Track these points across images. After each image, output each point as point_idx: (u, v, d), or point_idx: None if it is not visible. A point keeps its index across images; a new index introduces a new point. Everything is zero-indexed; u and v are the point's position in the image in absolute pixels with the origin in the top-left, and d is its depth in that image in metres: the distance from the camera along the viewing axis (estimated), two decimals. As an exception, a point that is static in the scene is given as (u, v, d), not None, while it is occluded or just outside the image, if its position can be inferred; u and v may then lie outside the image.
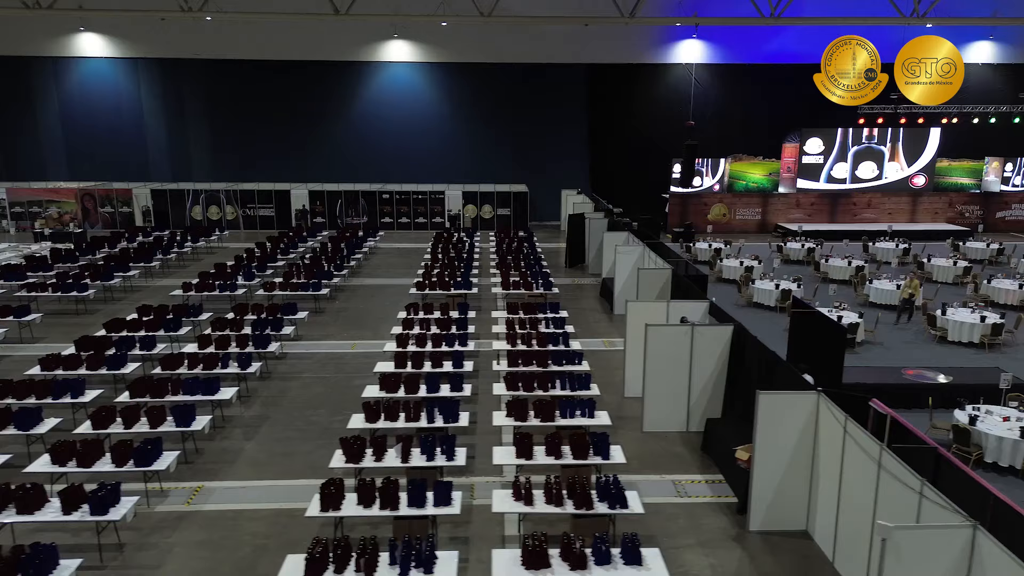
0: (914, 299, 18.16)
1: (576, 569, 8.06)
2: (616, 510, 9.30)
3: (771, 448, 9.58)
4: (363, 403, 11.79)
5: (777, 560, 9.25)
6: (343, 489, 9.35)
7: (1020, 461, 11.14)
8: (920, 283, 20.15)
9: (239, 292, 20.41)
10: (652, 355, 12.65)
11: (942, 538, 6.47)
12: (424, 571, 7.93)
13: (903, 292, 18.39)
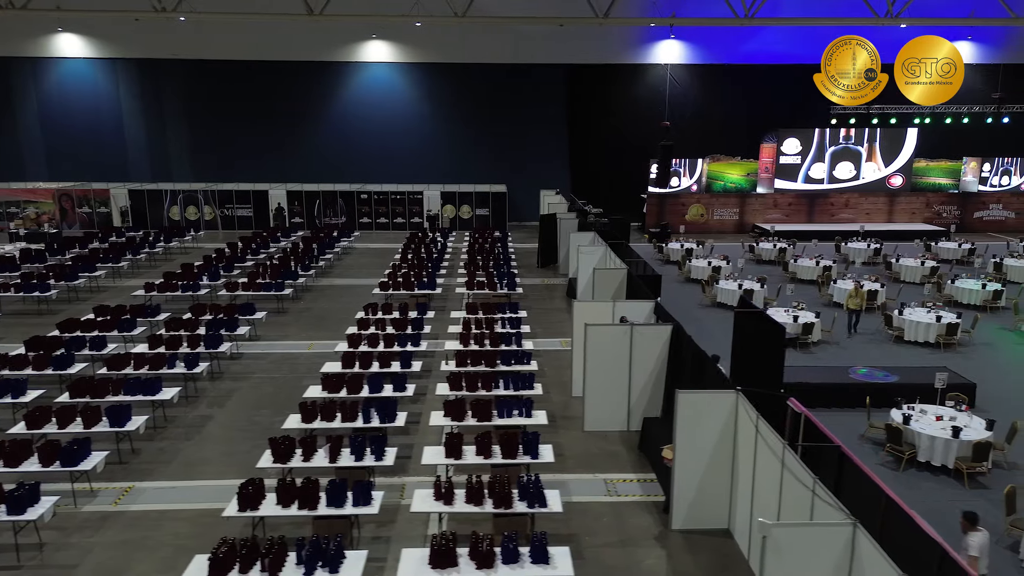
0: (861, 310, 17.83)
1: (483, 568, 8.09)
2: (535, 509, 9.33)
3: (691, 447, 9.61)
4: (300, 403, 11.79)
5: (695, 559, 9.27)
6: (263, 489, 9.38)
7: (952, 460, 11.16)
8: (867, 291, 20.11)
9: (202, 292, 20.41)
10: (592, 354, 12.68)
11: (823, 536, 6.50)
12: (330, 571, 7.95)
13: (849, 302, 18.01)
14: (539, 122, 34.73)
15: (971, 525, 8.07)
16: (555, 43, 32.20)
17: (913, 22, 29.34)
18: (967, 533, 8.06)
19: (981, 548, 7.91)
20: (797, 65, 33.18)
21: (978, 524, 8.08)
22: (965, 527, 8.11)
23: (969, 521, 8.09)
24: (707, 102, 34.47)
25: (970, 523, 8.08)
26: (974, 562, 7.82)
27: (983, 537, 7.99)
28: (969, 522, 8.09)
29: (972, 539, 7.98)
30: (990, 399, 14.09)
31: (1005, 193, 33.72)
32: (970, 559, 7.86)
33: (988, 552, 8.04)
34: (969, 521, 8.09)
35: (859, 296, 17.36)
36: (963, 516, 8.17)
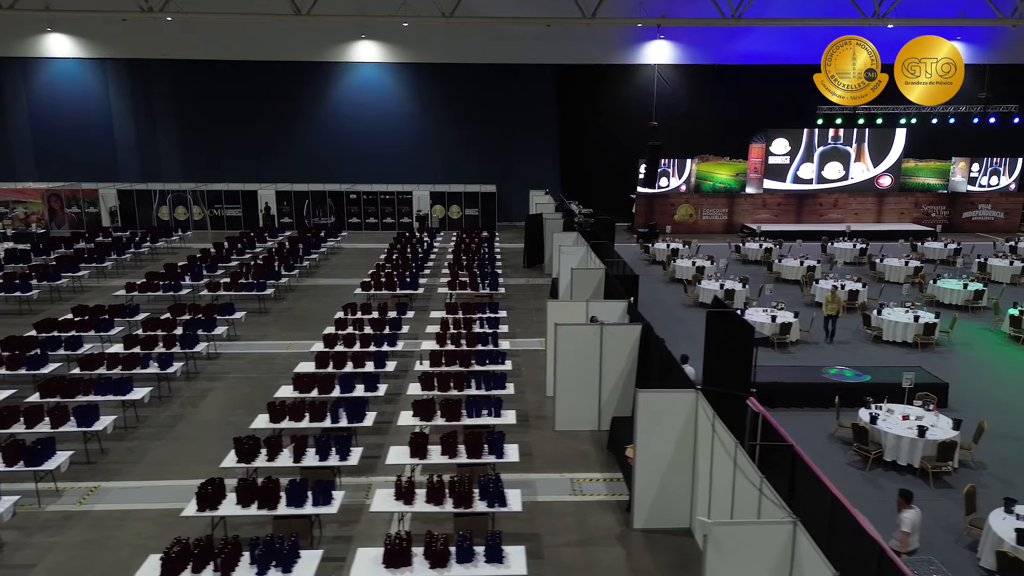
0: (839, 315, 17.59)
1: (436, 567, 8.10)
2: (495, 508, 9.34)
3: (652, 446, 9.62)
4: (268, 403, 11.80)
5: (654, 558, 9.28)
6: (224, 489, 9.39)
7: (918, 460, 11.17)
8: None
9: (184, 292, 20.42)
10: (563, 354, 12.69)
11: (764, 534, 6.51)
12: (283, 571, 7.96)
13: (825, 308, 17.65)
14: (529, 122, 34.74)
15: (906, 503, 8.46)
16: (544, 43, 32.21)
17: (901, 22, 29.38)
18: (901, 511, 8.46)
19: (913, 524, 8.35)
20: (786, 65, 33.26)
21: (912, 502, 8.46)
22: (900, 505, 8.51)
23: (904, 499, 8.48)
24: (696, 102, 34.51)
25: (905, 501, 8.47)
26: (906, 537, 8.32)
27: (915, 514, 8.40)
28: (904, 500, 8.48)
29: (905, 516, 8.40)
30: (962, 399, 14.11)
31: (994, 193, 33.74)
32: (902, 535, 8.35)
33: (920, 528, 8.46)
34: (904, 499, 8.48)
35: (836, 301, 17.20)
36: (899, 494, 8.59)
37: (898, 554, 8.10)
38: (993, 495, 10.26)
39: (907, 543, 8.37)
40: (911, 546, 8.43)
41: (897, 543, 8.41)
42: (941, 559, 9.27)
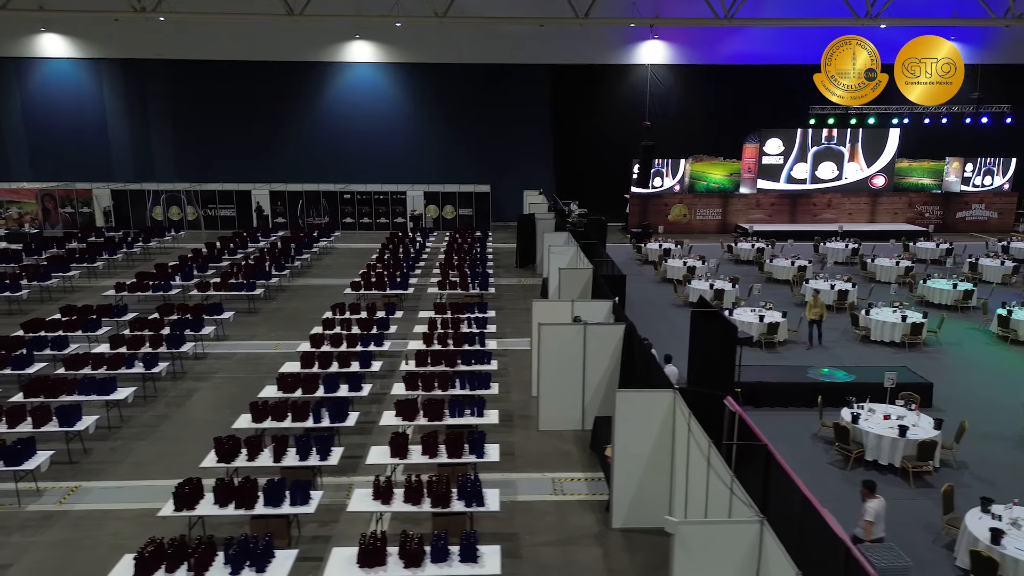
0: (822, 319, 17.26)
1: (411, 567, 8.10)
2: (473, 508, 9.34)
3: (630, 446, 9.63)
4: (251, 403, 11.80)
5: (631, 557, 9.29)
6: (201, 489, 9.40)
7: (899, 459, 11.18)
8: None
9: (173, 292, 20.43)
10: (546, 354, 12.70)
11: (731, 533, 6.52)
12: (257, 570, 7.97)
13: (808, 312, 17.33)
14: (524, 122, 34.73)
15: (870, 493, 8.73)
16: (539, 43, 32.22)
17: (894, 22, 29.39)
18: (866, 500, 8.71)
19: (877, 513, 8.62)
20: (780, 65, 33.29)
21: (876, 492, 8.74)
22: (864, 495, 8.76)
23: (868, 489, 8.75)
24: (690, 102, 34.54)
25: (869, 491, 8.73)
26: (869, 526, 8.61)
27: (879, 503, 8.66)
28: (868, 490, 8.74)
29: (869, 505, 8.66)
30: (948, 398, 14.12)
31: (988, 193, 33.77)
32: (866, 523, 8.63)
33: (883, 517, 8.71)
34: (868, 489, 8.75)
35: (818, 305, 17.00)
36: (863, 485, 8.86)
37: (862, 541, 8.52)
38: (974, 495, 10.24)
39: (871, 531, 8.64)
40: (875, 534, 8.66)
41: (861, 531, 8.71)
42: (918, 558, 9.28)
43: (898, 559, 7.96)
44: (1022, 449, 12.25)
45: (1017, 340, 17.57)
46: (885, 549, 8.18)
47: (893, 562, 7.89)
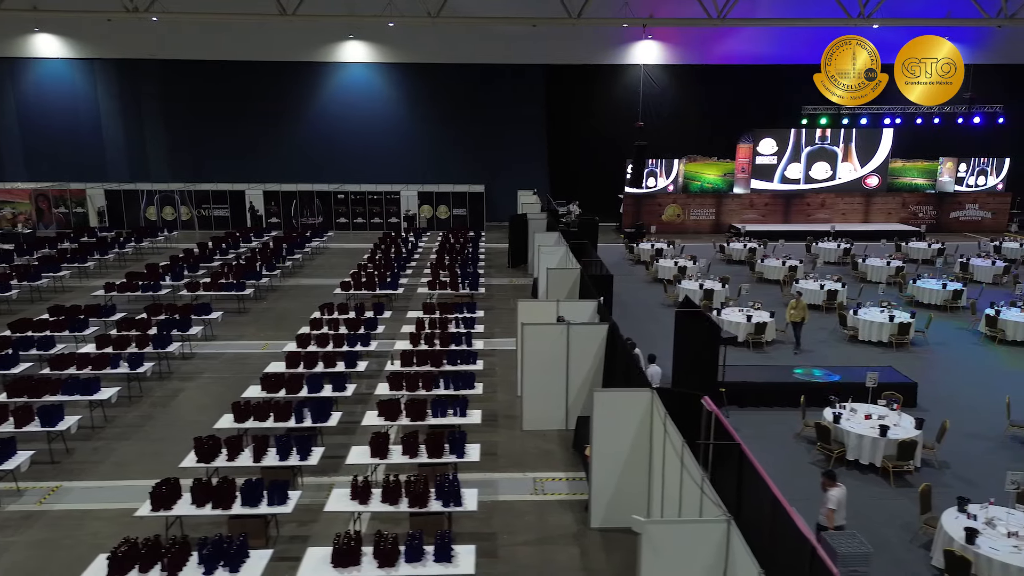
0: (803, 321, 16.97)
1: (384, 566, 8.11)
2: (451, 508, 9.35)
3: (608, 446, 9.63)
4: (233, 403, 11.81)
5: (608, 557, 9.30)
6: (179, 489, 9.40)
7: (879, 459, 11.18)
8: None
9: (163, 292, 20.42)
10: (529, 353, 12.71)
11: (699, 533, 6.52)
12: (231, 570, 7.97)
13: (789, 315, 17.01)
14: (518, 122, 34.72)
15: (831, 482, 8.97)
16: (533, 43, 32.22)
17: (886, 22, 29.40)
18: (827, 489, 8.93)
19: (838, 502, 8.85)
20: (773, 65, 33.30)
21: (837, 481, 8.99)
22: (826, 484, 8.98)
23: (829, 478, 9.01)
24: (684, 102, 34.55)
25: (830, 480, 8.99)
26: (831, 514, 8.85)
27: (840, 492, 8.90)
28: (829, 479, 9.00)
29: (831, 494, 8.88)
30: (933, 398, 14.13)
31: (981, 193, 33.75)
32: (828, 511, 8.87)
33: (845, 505, 8.94)
34: (829, 478, 9.01)
35: (799, 308, 16.86)
36: (823, 475, 9.12)
37: (825, 529, 8.78)
38: (955, 494, 10.17)
39: (833, 519, 8.87)
40: (837, 522, 8.88)
41: (824, 519, 8.94)
42: (895, 557, 9.30)
43: (860, 546, 8.18)
44: (1004, 449, 12.26)
45: (1005, 340, 17.57)
46: (847, 536, 8.43)
47: (855, 548, 8.15)
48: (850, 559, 7.97)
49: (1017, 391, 13.99)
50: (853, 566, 7.94)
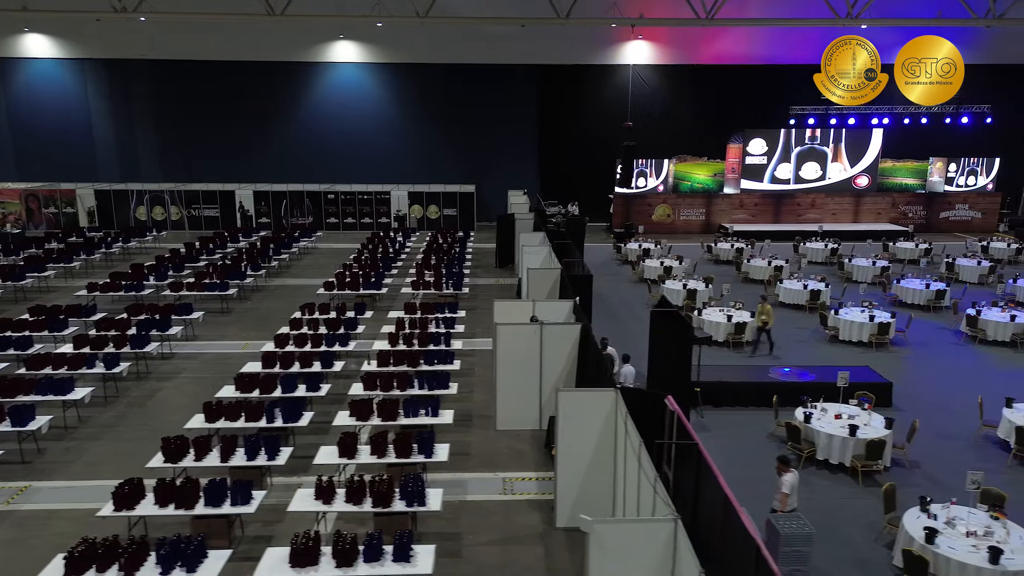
0: (768, 326, 16.70)
1: (342, 566, 8.11)
2: (414, 508, 9.35)
3: (573, 445, 9.63)
4: (204, 403, 11.81)
5: (572, 557, 9.29)
6: (143, 489, 9.40)
7: (849, 459, 11.18)
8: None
9: (146, 292, 20.42)
10: (503, 353, 12.70)
11: (647, 532, 6.52)
12: (188, 570, 7.97)
13: (757, 319, 16.87)
14: (510, 122, 34.72)
15: (785, 467, 9.27)
16: (524, 44, 32.21)
17: (876, 23, 29.42)
18: (781, 474, 9.24)
19: (791, 486, 9.17)
20: (763, 66, 33.30)
21: (791, 467, 9.31)
22: (780, 469, 9.28)
23: (783, 463, 9.30)
24: (674, 102, 34.55)
25: (784, 465, 9.28)
26: (784, 498, 9.17)
27: (793, 477, 9.24)
28: (783, 464, 9.29)
29: (784, 478, 9.19)
30: (909, 397, 14.14)
31: (971, 193, 33.76)
32: (782, 495, 9.19)
33: (797, 489, 9.30)
34: (783, 463, 9.30)
35: (765, 312, 16.67)
36: (778, 459, 9.40)
37: (776, 512, 9.10)
38: (923, 493, 10.21)
39: (786, 503, 9.16)
40: (790, 505, 9.17)
41: (778, 503, 9.22)
42: (858, 556, 9.30)
43: (804, 527, 8.52)
44: (976, 449, 12.27)
45: (986, 340, 17.57)
46: (794, 518, 8.75)
47: (799, 529, 8.47)
48: (793, 539, 8.32)
49: (994, 391, 13.99)
50: (796, 546, 8.32)
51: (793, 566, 8.32)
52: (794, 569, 8.32)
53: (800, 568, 8.37)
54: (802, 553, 8.33)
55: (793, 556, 8.31)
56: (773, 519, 8.77)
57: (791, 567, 8.31)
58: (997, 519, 8.80)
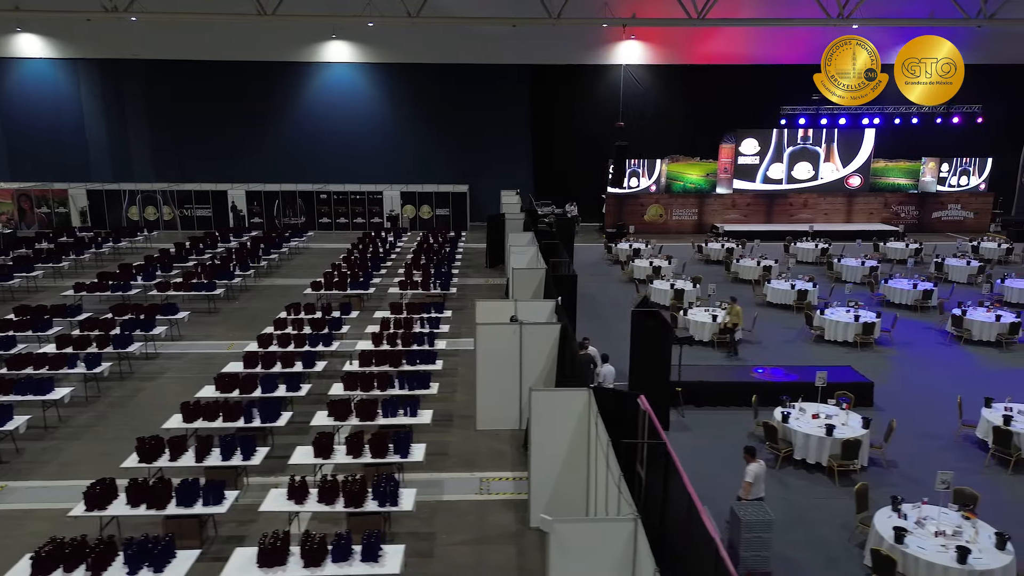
0: (736, 328, 16.66)
1: (310, 566, 8.10)
2: (387, 508, 9.34)
3: (547, 445, 9.62)
4: (182, 403, 11.80)
5: (544, 557, 9.27)
6: (115, 489, 9.39)
7: (826, 458, 11.17)
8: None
9: (133, 292, 20.41)
10: (483, 353, 12.69)
11: (608, 531, 6.52)
12: (155, 570, 7.96)
13: (725, 320, 16.87)
14: (503, 122, 34.69)
15: (751, 457, 9.64)
16: (517, 44, 32.20)
17: (867, 23, 29.44)
18: (748, 464, 9.58)
19: (756, 475, 9.49)
20: (755, 66, 33.30)
21: (756, 457, 9.67)
22: (746, 459, 9.65)
23: (749, 454, 9.69)
24: (667, 102, 34.55)
25: (750, 455, 9.66)
26: (748, 486, 9.48)
27: (759, 467, 9.56)
28: (749, 455, 9.67)
29: (749, 468, 9.55)
30: (891, 397, 14.14)
31: (963, 193, 33.76)
32: (745, 484, 9.51)
33: (762, 479, 9.59)
34: (749, 454, 9.69)
35: (732, 314, 16.65)
36: (744, 449, 9.78)
37: (740, 499, 9.43)
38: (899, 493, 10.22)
39: (748, 491, 9.48)
40: (754, 494, 9.47)
41: (743, 491, 9.52)
42: (830, 556, 9.29)
43: (764, 514, 8.78)
44: (954, 449, 12.26)
45: (971, 340, 17.57)
46: (756, 506, 9.01)
47: (759, 516, 8.73)
48: (754, 525, 8.62)
49: (978, 391, 13.96)
50: (756, 532, 8.62)
51: (754, 551, 8.62)
52: (755, 554, 8.61)
53: (760, 553, 8.63)
54: (762, 539, 8.59)
55: (754, 542, 8.63)
56: (736, 506, 9.10)
57: (752, 552, 8.61)
58: (968, 519, 8.79)
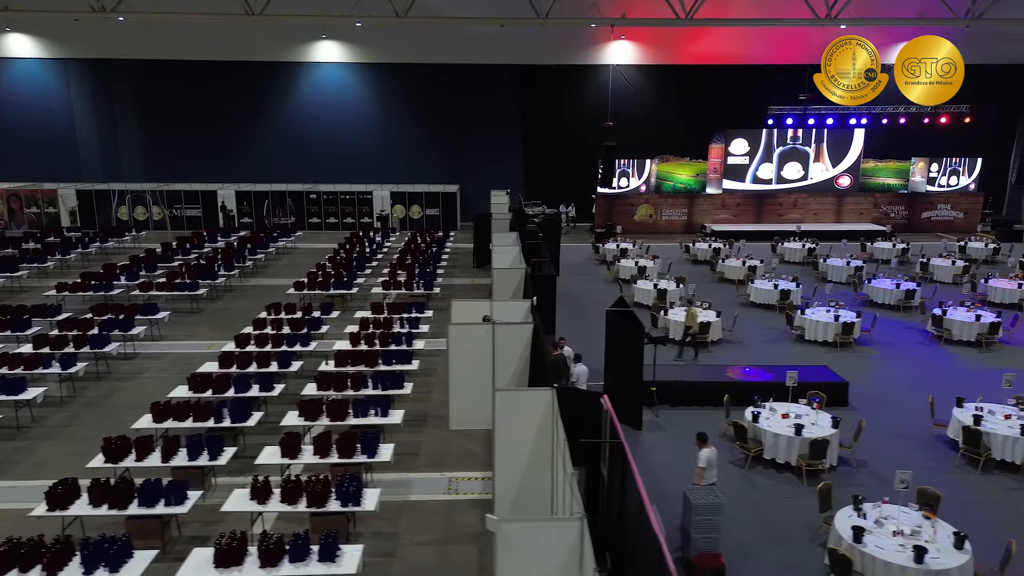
0: (691, 330, 16.43)
1: (267, 566, 8.09)
2: (350, 508, 9.34)
3: (510, 445, 9.60)
4: (152, 403, 11.79)
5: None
6: (78, 489, 9.39)
7: (795, 458, 11.17)
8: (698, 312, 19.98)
9: (116, 292, 20.40)
10: (455, 353, 12.64)
11: (554, 531, 6.52)
12: (111, 571, 7.95)
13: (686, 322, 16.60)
14: (493, 122, 34.66)
15: (703, 443, 10.00)
16: (505, 44, 32.19)
17: (855, 23, 29.46)
18: (700, 449, 9.93)
19: (708, 460, 9.84)
20: (745, 66, 33.27)
21: (708, 443, 10.03)
22: (699, 444, 10.00)
23: (701, 440, 10.05)
24: (657, 103, 34.52)
25: (702, 441, 10.02)
26: (701, 472, 9.84)
27: (711, 452, 9.92)
28: (701, 440, 10.03)
29: (702, 453, 9.89)
30: (866, 397, 14.13)
31: (953, 193, 33.76)
32: (698, 469, 9.86)
33: (715, 464, 9.97)
34: (701, 440, 10.05)
35: (690, 318, 16.49)
36: (697, 436, 10.13)
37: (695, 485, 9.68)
38: (866, 492, 10.21)
39: (702, 476, 9.82)
40: (707, 479, 9.80)
41: (695, 477, 9.88)
42: (794, 556, 9.29)
43: (715, 498, 9.00)
44: (926, 448, 12.25)
45: (951, 340, 17.56)
46: (707, 490, 9.25)
47: (709, 500, 8.95)
48: (704, 508, 8.87)
49: (955, 391, 13.88)
50: (706, 515, 8.86)
51: (704, 534, 8.86)
52: (704, 536, 8.85)
53: (710, 536, 8.86)
54: (712, 522, 8.83)
55: (704, 524, 8.86)
56: (688, 491, 9.30)
57: (703, 534, 8.85)
58: (929, 518, 8.79)
